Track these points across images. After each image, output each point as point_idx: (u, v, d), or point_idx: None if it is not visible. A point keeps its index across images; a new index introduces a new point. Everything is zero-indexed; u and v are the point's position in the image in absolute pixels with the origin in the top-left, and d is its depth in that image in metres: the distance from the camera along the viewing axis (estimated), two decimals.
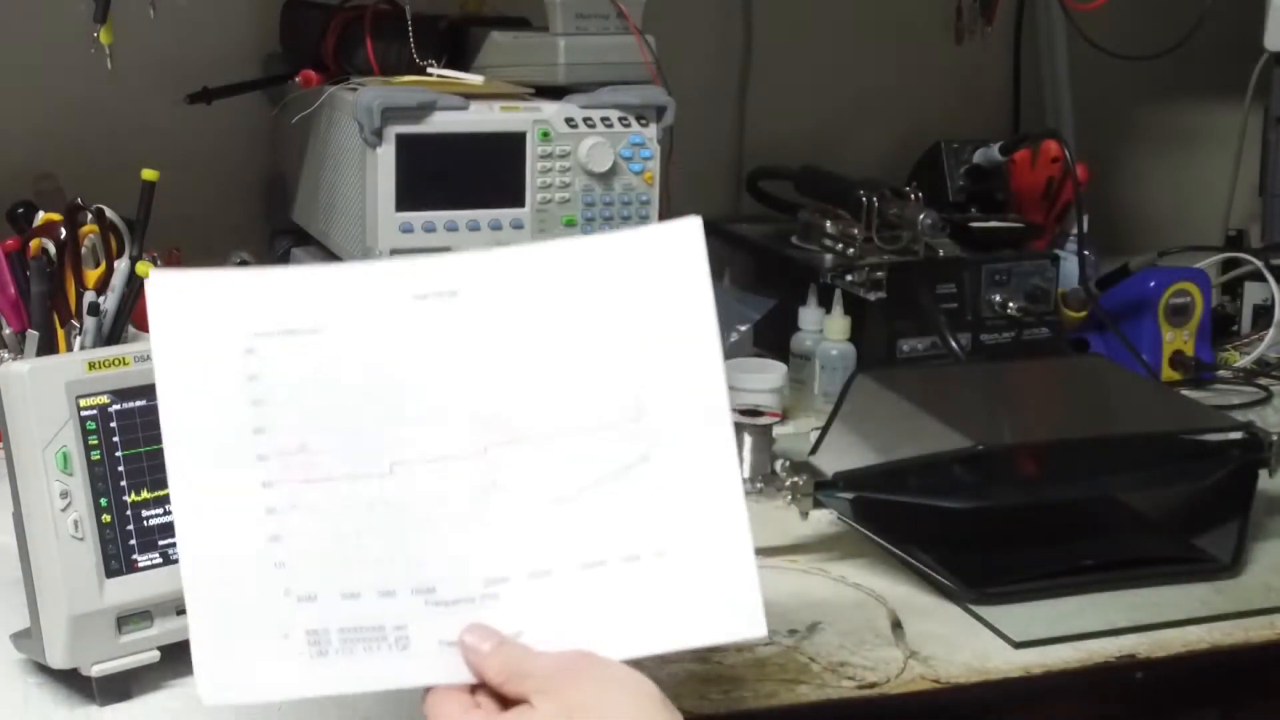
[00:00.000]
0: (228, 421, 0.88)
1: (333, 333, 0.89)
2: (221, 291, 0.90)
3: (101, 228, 1.37)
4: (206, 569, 0.87)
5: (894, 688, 1.07)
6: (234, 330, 0.88)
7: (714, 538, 0.88)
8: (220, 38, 1.81)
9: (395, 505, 0.87)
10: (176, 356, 0.89)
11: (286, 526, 0.87)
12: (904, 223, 1.67)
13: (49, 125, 1.74)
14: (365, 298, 0.90)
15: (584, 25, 1.59)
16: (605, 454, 0.88)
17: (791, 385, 1.63)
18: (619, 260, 0.91)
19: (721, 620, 0.88)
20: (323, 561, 0.87)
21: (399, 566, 0.87)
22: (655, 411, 0.89)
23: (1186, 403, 1.49)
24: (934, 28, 2.12)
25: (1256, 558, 1.29)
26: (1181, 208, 2.31)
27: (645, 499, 0.88)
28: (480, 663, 0.84)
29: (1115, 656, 1.13)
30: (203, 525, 0.87)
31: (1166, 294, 1.77)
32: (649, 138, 1.57)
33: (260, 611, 0.86)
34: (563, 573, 0.87)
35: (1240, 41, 2.00)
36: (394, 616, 0.87)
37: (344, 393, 0.88)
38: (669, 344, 0.89)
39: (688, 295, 0.90)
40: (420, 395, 0.88)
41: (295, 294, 0.90)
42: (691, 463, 0.88)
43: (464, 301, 0.89)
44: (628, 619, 0.87)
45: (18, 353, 1.36)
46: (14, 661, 1.05)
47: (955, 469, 1.26)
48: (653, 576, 0.87)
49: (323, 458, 0.88)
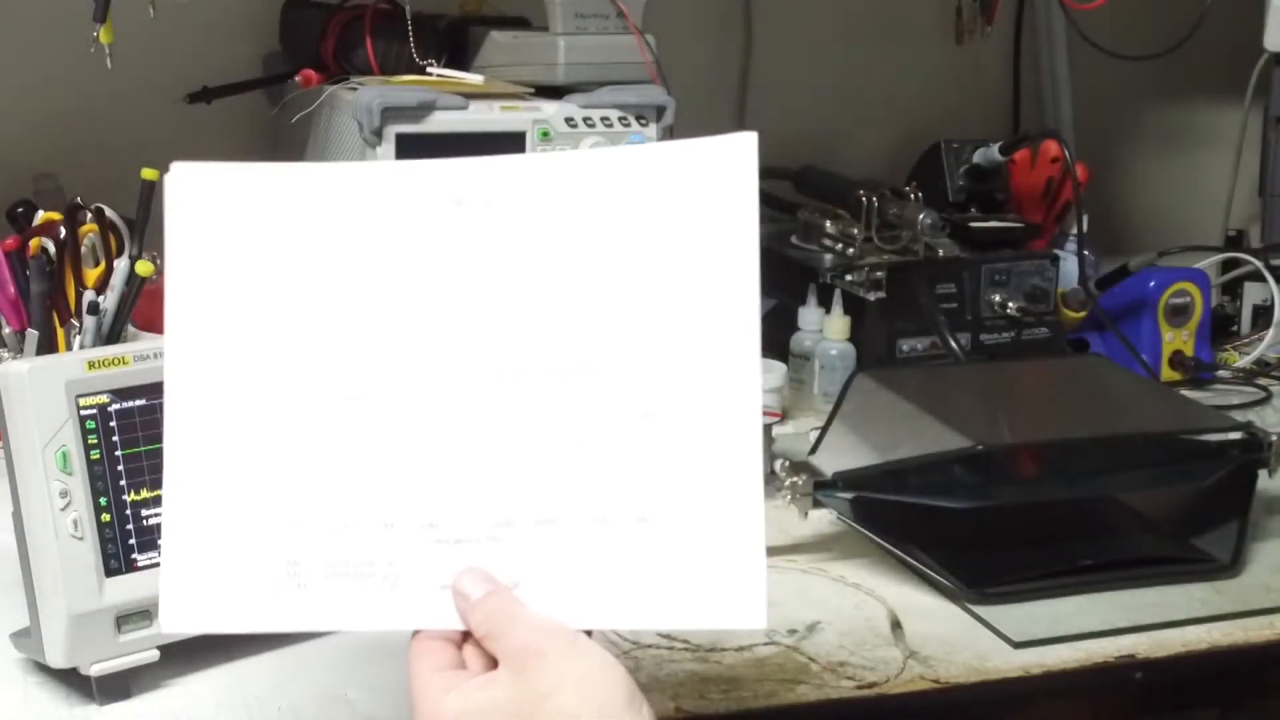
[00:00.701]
0: (235, 334, 0.83)
1: (354, 238, 0.83)
2: (249, 186, 0.85)
3: (101, 227, 1.37)
4: (189, 482, 0.82)
5: (893, 688, 1.07)
6: (254, 233, 0.84)
7: (726, 511, 0.82)
8: (220, 37, 1.81)
9: (403, 433, 0.82)
10: (189, 260, 0.83)
11: (286, 444, 0.82)
12: (904, 223, 1.67)
13: (49, 125, 1.74)
14: (402, 199, 0.84)
15: (584, 25, 1.60)
16: (628, 395, 0.83)
17: (791, 385, 1.63)
18: (667, 175, 0.85)
19: (722, 606, 0.82)
20: (318, 484, 0.82)
21: (403, 497, 0.82)
22: (683, 354, 0.83)
23: (1186, 403, 1.49)
24: (934, 28, 2.12)
25: (1256, 558, 1.28)
26: (1181, 208, 2.31)
27: (663, 453, 0.82)
28: (467, 610, 0.80)
29: (1115, 657, 1.13)
30: (191, 430, 0.82)
31: (1166, 294, 1.77)
32: (649, 137, 1.57)
33: (239, 534, 0.81)
34: (569, 524, 0.82)
35: (1240, 42, 2.00)
36: (388, 551, 0.82)
37: (363, 308, 0.83)
38: (707, 281, 0.84)
39: (732, 223, 0.85)
40: (442, 320, 0.83)
41: (323, 192, 0.84)
42: (717, 417, 0.83)
43: (497, 211, 0.84)
44: (627, 585, 0.82)
45: (17, 352, 1.36)
46: (13, 661, 1.05)
47: (955, 469, 1.26)
48: (660, 543, 0.82)
49: (334, 369, 0.82)
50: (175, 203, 0.84)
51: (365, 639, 1.08)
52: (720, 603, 0.82)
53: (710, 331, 0.84)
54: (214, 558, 0.82)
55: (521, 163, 0.85)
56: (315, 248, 0.84)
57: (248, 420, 0.83)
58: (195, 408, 0.83)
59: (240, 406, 0.83)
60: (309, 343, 0.83)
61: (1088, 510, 1.34)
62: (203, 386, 0.83)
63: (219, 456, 0.82)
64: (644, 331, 0.83)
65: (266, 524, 0.82)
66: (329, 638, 1.08)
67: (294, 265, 0.84)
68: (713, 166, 0.85)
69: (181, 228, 0.84)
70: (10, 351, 1.37)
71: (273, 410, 0.83)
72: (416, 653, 0.80)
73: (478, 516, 0.82)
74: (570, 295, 0.83)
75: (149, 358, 1.04)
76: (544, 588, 0.81)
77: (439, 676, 0.79)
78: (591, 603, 0.82)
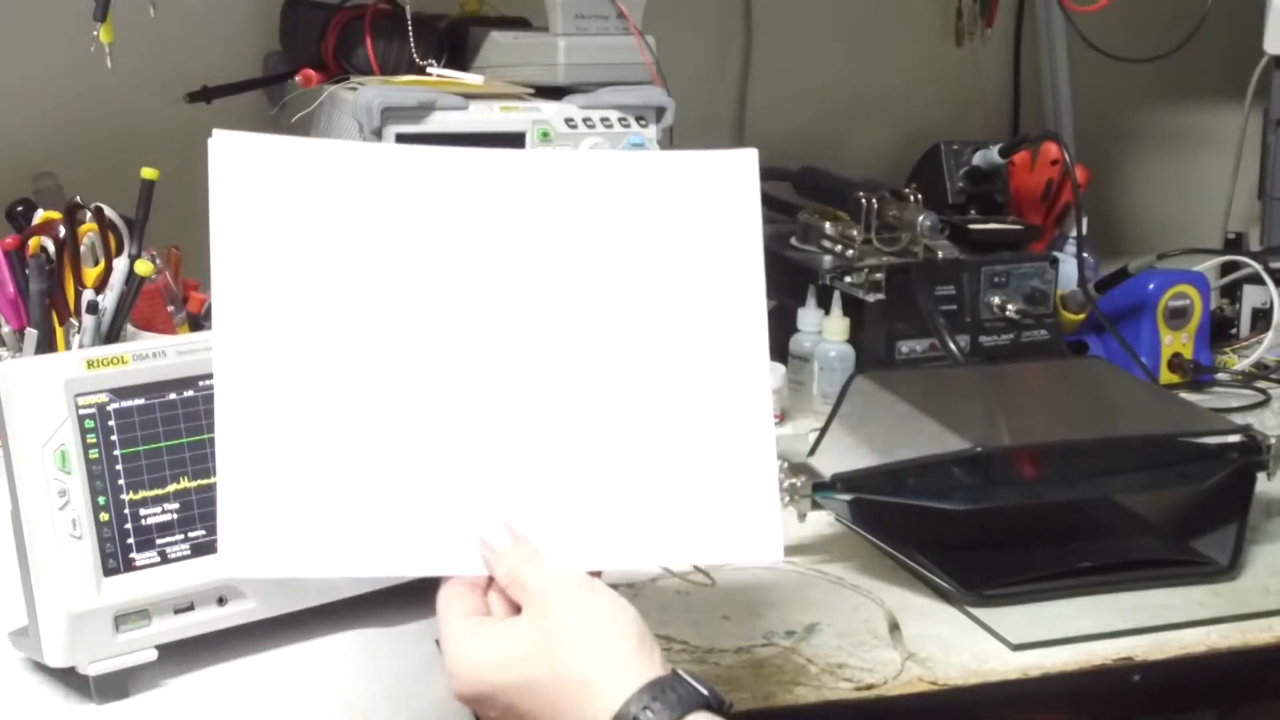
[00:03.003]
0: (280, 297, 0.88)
1: (391, 215, 0.89)
2: (287, 159, 0.90)
3: (100, 226, 1.37)
4: (243, 437, 0.86)
5: (891, 689, 1.07)
6: (296, 203, 0.89)
7: (742, 463, 0.91)
8: (220, 37, 1.81)
9: (436, 392, 0.88)
10: (234, 226, 0.88)
11: (328, 403, 0.87)
12: (903, 224, 1.67)
13: (49, 124, 1.74)
14: (430, 183, 0.91)
15: (584, 25, 1.60)
16: (641, 364, 0.91)
17: (790, 386, 1.63)
18: (674, 179, 0.94)
19: (741, 540, 0.91)
20: (358, 441, 0.87)
21: (435, 453, 0.88)
22: (695, 333, 0.92)
23: (1185, 405, 1.49)
24: (934, 29, 2.12)
25: (1254, 560, 1.29)
26: (1181, 210, 2.31)
27: (676, 414, 0.91)
28: (493, 560, 0.87)
29: (1113, 659, 1.13)
30: (244, 393, 0.86)
31: (1165, 297, 1.77)
32: (648, 138, 1.57)
33: (293, 486, 0.86)
34: (588, 476, 0.89)
35: (1240, 44, 2.00)
36: (420, 504, 0.88)
37: (399, 278, 0.89)
38: (714, 269, 0.92)
39: (737, 225, 0.94)
40: (470, 287, 0.90)
41: (363, 170, 0.90)
42: (727, 388, 0.91)
43: (519, 199, 0.91)
44: (651, 529, 0.90)
45: (16, 351, 1.36)
46: (11, 660, 1.05)
47: (954, 471, 1.26)
48: (680, 492, 0.90)
49: (374, 340, 0.88)
50: (218, 169, 0.89)
51: (362, 638, 1.09)
52: (742, 540, 0.91)
53: (722, 310, 0.93)
54: (265, 511, 0.86)
55: (545, 157, 0.96)
56: (350, 220, 0.89)
57: (292, 383, 0.87)
58: (244, 369, 0.87)
59: (285, 368, 0.88)
60: (350, 308, 0.89)
61: (1086, 512, 1.34)
62: (250, 347, 0.87)
63: (267, 416, 0.87)
64: (660, 313, 0.92)
65: (311, 478, 0.87)
66: (326, 638, 1.09)
67: (330, 237, 0.89)
68: (717, 179, 0.95)
69: (224, 194, 0.88)
70: (9, 350, 1.37)
71: (314, 372, 0.88)
72: (445, 597, 0.87)
73: (506, 469, 0.89)
74: (588, 274, 0.91)
75: (148, 357, 1.04)
76: (564, 535, 0.88)
77: (466, 622, 0.85)
78: (612, 546, 0.89)
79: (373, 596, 1.09)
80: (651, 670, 0.81)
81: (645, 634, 0.83)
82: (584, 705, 0.81)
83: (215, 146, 0.89)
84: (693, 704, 0.81)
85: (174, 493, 1.04)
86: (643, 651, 0.82)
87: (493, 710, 0.84)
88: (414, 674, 1.05)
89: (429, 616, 1.09)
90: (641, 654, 0.82)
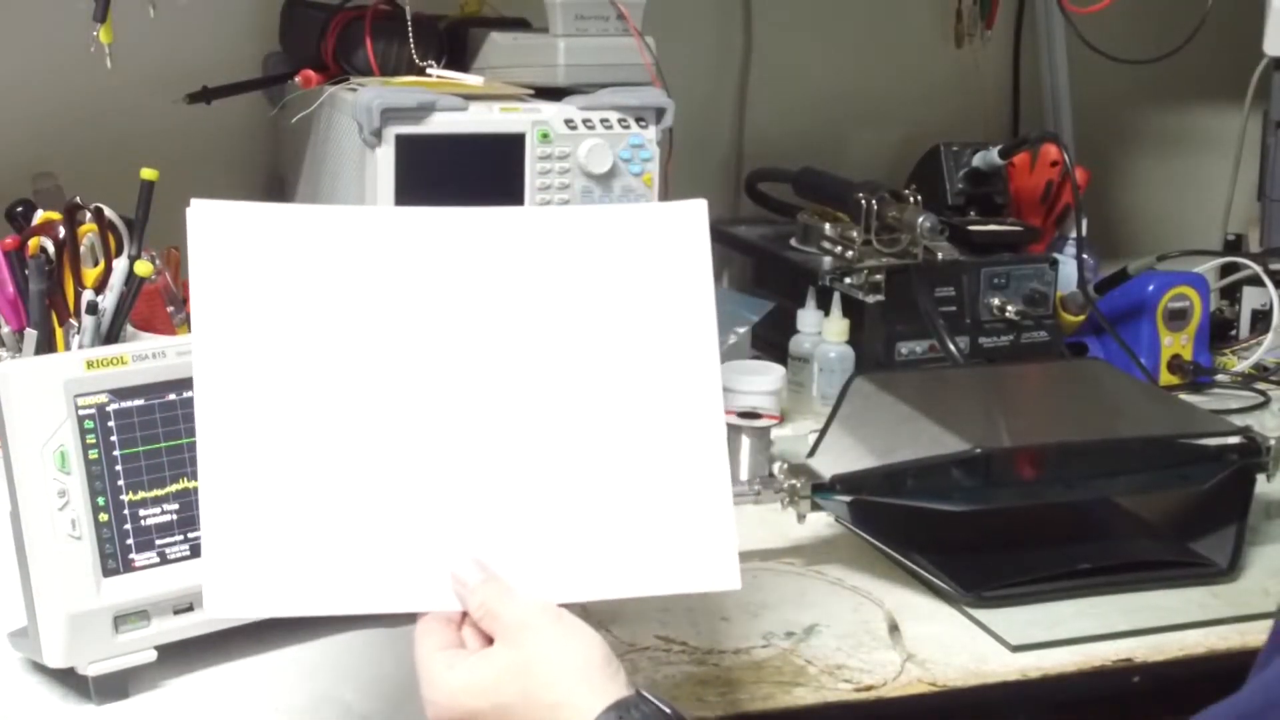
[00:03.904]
0: (258, 352, 0.92)
1: (359, 273, 0.95)
2: (260, 225, 0.95)
3: (100, 227, 1.37)
4: (225, 486, 0.90)
5: (891, 690, 1.07)
6: (271, 265, 0.93)
7: (697, 494, 0.96)
8: (220, 37, 1.81)
9: (408, 438, 0.93)
10: (214, 287, 0.92)
11: (306, 451, 0.91)
12: (903, 225, 1.67)
13: (49, 125, 1.74)
14: (394, 241, 0.96)
15: (584, 27, 1.60)
16: (603, 407, 0.96)
17: (790, 387, 1.63)
18: (627, 231, 1.00)
19: (698, 570, 0.96)
20: (336, 487, 0.92)
21: (408, 496, 0.92)
22: (651, 375, 0.97)
23: (1184, 407, 1.49)
24: (934, 31, 2.12)
25: (1254, 562, 1.29)
26: (1180, 212, 2.31)
27: (636, 453, 0.96)
28: (466, 595, 0.91)
29: (1112, 660, 1.13)
30: (226, 444, 0.90)
31: (1165, 298, 1.77)
32: (648, 139, 1.57)
33: (273, 532, 0.90)
34: (554, 514, 0.94)
35: (1240, 46, 2.00)
36: (395, 543, 0.92)
37: (369, 330, 0.94)
38: (668, 314, 0.98)
39: (688, 271, 0.99)
40: (437, 336, 0.95)
41: (331, 232, 0.96)
42: (681, 424, 0.96)
43: (480, 254, 0.97)
44: (612, 562, 0.94)
45: (16, 352, 1.35)
46: (11, 660, 1.05)
47: (953, 472, 1.26)
48: (640, 527, 0.95)
49: (348, 391, 0.93)
50: (196, 235, 0.93)
51: (361, 639, 1.09)
52: (699, 570, 0.96)
53: (676, 352, 0.98)
54: (247, 555, 0.90)
55: (509, 214, 1.00)
56: (321, 279, 0.95)
57: (270, 432, 0.91)
58: (224, 421, 0.91)
59: (263, 420, 0.91)
60: (324, 361, 0.93)
61: (1086, 514, 1.34)
62: (229, 401, 0.91)
63: (247, 465, 0.91)
64: (619, 355, 0.97)
65: (291, 524, 0.91)
66: (325, 639, 1.09)
67: (303, 295, 0.94)
68: (668, 228, 1.00)
69: (202, 260, 0.93)
70: (9, 351, 1.36)
71: (291, 422, 0.92)
72: (422, 632, 0.91)
73: (471, 509, 0.93)
74: (550, 323, 0.97)
75: (148, 357, 1.04)
76: (532, 571, 0.93)
77: (442, 654, 0.89)
78: (578, 580, 0.94)
79: None
80: (617, 692, 0.86)
81: (610, 658, 0.88)
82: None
83: (193, 215, 0.93)
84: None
85: (173, 493, 1.04)
86: (607, 674, 0.87)
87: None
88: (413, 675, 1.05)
89: None
90: (606, 677, 0.87)
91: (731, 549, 0.96)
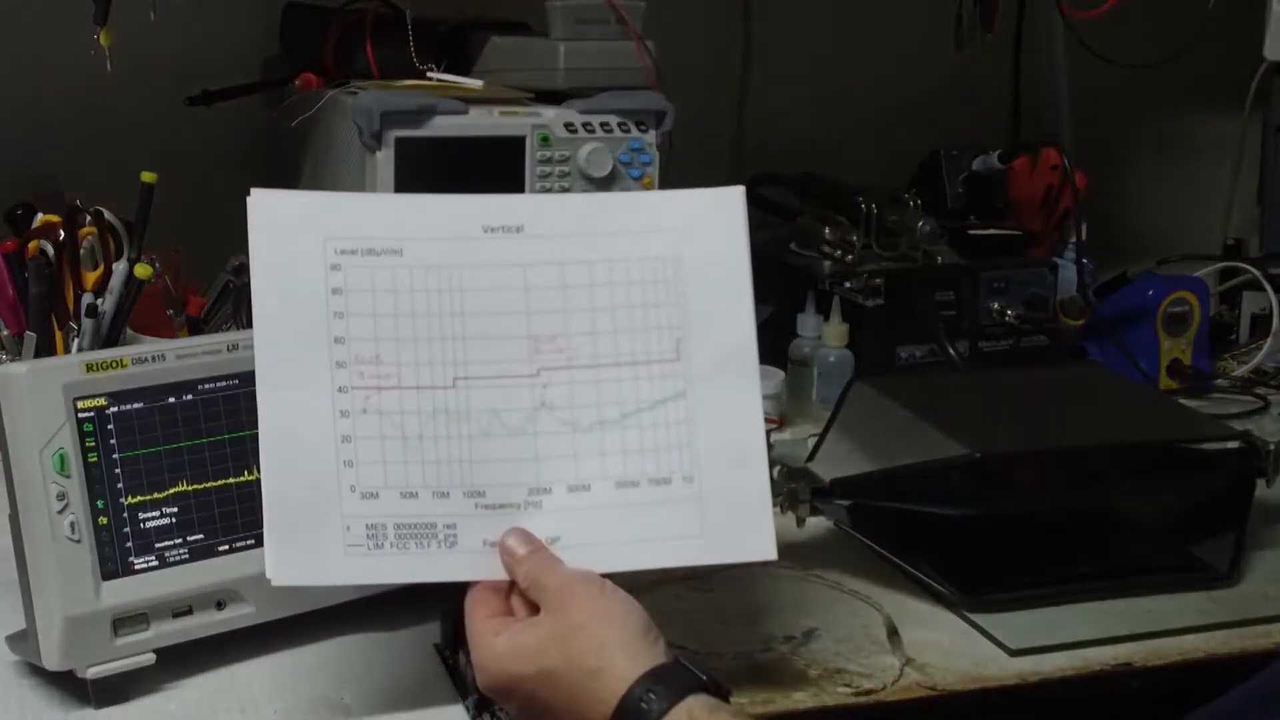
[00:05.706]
0: (311, 330, 0.97)
1: (410, 255, 1.00)
2: (313, 209, 1.01)
3: (100, 229, 1.37)
4: (283, 462, 0.96)
5: (890, 695, 1.07)
6: (322, 246, 0.99)
7: (736, 469, 1.01)
8: (220, 40, 1.81)
9: (455, 416, 0.99)
10: (270, 267, 0.98)
11: (357, 429, 0.97)
12: (903, 230, 1.67)
13: (49, 126, 1.74)
14: (441, 225, 1.01)
15: (584, 30, 1.60)
16: (645, 386, 1.01)
17: (789, 392, 1.63)
18: (669, 215, 1.04)
19: (737, 541, 1.01)
20: (386, 463, 0.97)
21: (454, 471, 0.98)
22: (692, 354, 1.02)
23: (1184, 411, 1.49)
24: (934, 35, 2.12)
25: (1253, 567, 1.29)
26: (1180, 216, 2.31)
27: (678, 430, 1.01)
28: (514, 565, 0.97)
29: (1111, 665, 1.13)
30: (282, 422, 0.96)
31: (1165, 302, 1.77)
32: (648, 143, 1.57)
33: (328, 504, 0.96)
34: (599, 489, 1.00)
35: (1240, 50, 2.00)
36: (445, 516, 0.98)
37: (416, 310, 0.99)
38: (708, 296, 1.03)
39: (728, 253, 1.04)
40: (483, 318, 1.00)
41: (379, 216, 1.01)
42: (721, 402, 1.01)
43: (527, 236, 1.02)
44: (652, 534, 1.00)
45: (15, 354, 1.36)
46: (9, 663, 1.05)
47: (952, 476, 1.26)
48: (679, 498, 1.00)
49: (393, 369, 0.98)
50: (256, 223, 0.99)
51: (359, 642, 1.09)
52: (737, 541, 1.01)
53: (717, 331, 1.03)
54: (307, 525, 0.96)
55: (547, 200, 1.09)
56: (375, 264, 1.00)
57: (330, 409, 0.97)
58: (285, 398, 0.97)
59: (322, 398, 0.97)
60: (379, 342, 0.99)
61: (1085, 518, 1.34)
62: (290, 378, 0.97)
63: (306, 437, 0.96)
64: (662, 333, 1.02)
65: (348, 495, 0.96)
66: (323, 642, 1.09)
67: (357, 280, 0.99)
68: (709, 213, 1.05)
69: (263, 245, 0.99)
70: (8, 354, 1.37)
71: (348, 400, 0.97)
72: (472, 601, 0.96)
73: (517, 485, 0.99)
74: (597, 300, 1.02)
75: (147, 361, 1.04)
76: (579, 541, 0.98)
77: (491, 622, 0.94)
78: (622, 550, 0.99)
79: (370, 601, 1.09)
80: (655, 659, 0.90)
81: (650, 627, 0.92)
82: (595, 691, 0.89)
83: (254, 204, 0.99)
84: (691, 687, 0.88)
85: (173, 496, 1.04)
86: (647, 642, 0.91)
87: (516, 698, 0.93)
88: (411, 677, 1.05)
89: (426, 622, 1.10)
90: (646, 644, 0.91)
91: (767, 521, 1.01)
